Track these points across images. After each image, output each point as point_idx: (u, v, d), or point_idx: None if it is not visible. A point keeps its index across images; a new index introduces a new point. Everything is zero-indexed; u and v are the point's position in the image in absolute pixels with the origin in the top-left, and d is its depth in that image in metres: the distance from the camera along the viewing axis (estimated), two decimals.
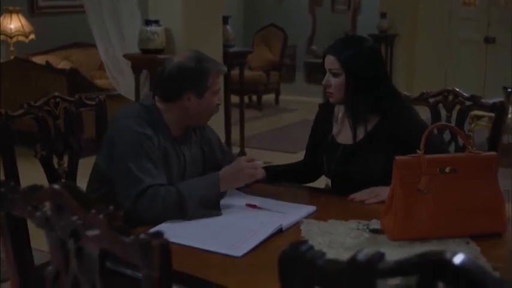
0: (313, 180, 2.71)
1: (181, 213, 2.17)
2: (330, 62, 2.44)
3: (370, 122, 2.46)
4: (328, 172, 2.56)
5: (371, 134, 2.45)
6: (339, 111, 2.57)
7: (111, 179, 2.26)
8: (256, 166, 2.33)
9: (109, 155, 2.29)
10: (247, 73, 7.85)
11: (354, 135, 2.46)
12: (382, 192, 2.25)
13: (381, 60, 2.56)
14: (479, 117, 5.86)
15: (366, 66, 2.43)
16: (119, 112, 2.38)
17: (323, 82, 2.47)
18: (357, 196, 2.37)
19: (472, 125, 5.85)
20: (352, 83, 2.41)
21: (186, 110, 2.35)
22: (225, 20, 5.64)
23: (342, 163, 2.49)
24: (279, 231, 2.06)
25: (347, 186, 2.43)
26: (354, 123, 2.46)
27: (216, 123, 5.48)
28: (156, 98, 2.38)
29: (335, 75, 2.43)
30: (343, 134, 2.53)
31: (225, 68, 2.50)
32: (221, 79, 2.39)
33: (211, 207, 2.21)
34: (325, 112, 2.63)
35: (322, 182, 2.67)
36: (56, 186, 1.23)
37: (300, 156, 2.79)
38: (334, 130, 2.57)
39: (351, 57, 2.41)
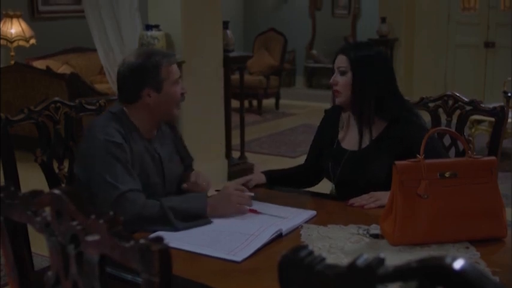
0: (313, 184, 2.71)
1: (165, 223, 2.15)
2: (340, 60, 2.47)
3: (376, 128, 2.47)
4: (333, 178, 2.56)
5: (378, 140, 2.46)
6: (345, 116, 2.57)
7: (89, 187, 2.26)
8: (243, 195, 2.30)
9: (82, 166, 2.32)
10: (247, 78, 7.86)
11: (360, 140, 2.47)
12: (382, 197, 2.25)
13: (390, 67, 2.57)
14: (479, 122, 5.86)
15: (374, 69, 2.45)
16: (90, 123, 2.40)
17: (330, 81, 2.49)
18: (357, 201, 2.37)
19: (472, 130, 5.86)
20: (358, 82, 2.43)
21: (150, 107, 2.35)
22: (225, 24, 5.65)
23: (348, 169, 2.50)
24: (279, 236, 2.06)
25: (352, 192, 2.42)
26: (360, 126, 2.47)
27: (216, 128, 5.53)
28: (122, 103, 2.40)
29: (342, 73, 2.45)
30: (349, 139, 2.54)
31: (176, 57, 2.50)
32: (176, 68, 2.39)
33: (198, 218, 2.19)
34: (331, 118, 2.64)
35: (325, 187, 2.67)
36: (56, 191, 1.23)
37: (300, 160, 2.79)
38: (340, 136, 2.58)
39: (361, 57, 2.44)
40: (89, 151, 2.29)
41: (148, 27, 5.01)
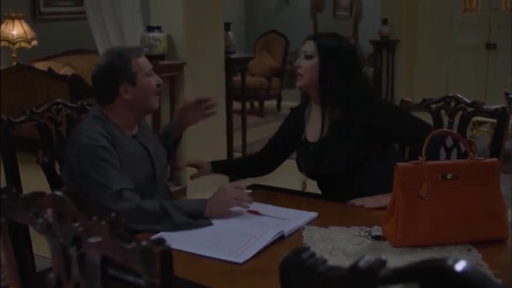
0: (264, 174, 2.79)
1: (165, 222, 2.16)
2: (307, 45, 2.54)
3: (334, 116, 2.52)
4: (304, 170, 2.61)
5: (335, 127, 2.50)
6: (307, 111, 2.63)
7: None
8: (241, 192, 2.30)
9: (71, 173, 2.33)
10: (248, 79, 7.85)
11: (322, 130, 2.53)
12: (383, 198, 2.25)
13: (357, 62, 2.61)
14: (481, 123, 5.86)
15: (342, 60, 2.49)
16: (74, 129, 2.44)
17: (294, 63, 2.54)
18: (358, 202, 2.38)
19: (474, 131, 5.85)
20: (325, 70, 2.47)
21: (129, 102, 2.38)
22: (227, 26, 5.65)
23: (314, 160, 2.55)
24: (281, 238, 2.06)
25: (323, 181, 2.57)
26: (322, 116, 2.52)
27: (218, 129, 5.52)
28: (101, 105, 2.42)
29: (308, 57, 2.51)
30: (312, 132, 2.60)
31: (142, 48, 2.53)
32: (146, 60, 2.43)
33: (197, 217, 2.20)
34: (297, 115, 2.68)
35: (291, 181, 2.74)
36: (58, 193, 1.23)
37: None
38: (306, 130, 2.63)
39: (329, 46, 2.51)
40: (76, 157, 2.30)
41: (150, 28, 5.01)
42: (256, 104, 9.31)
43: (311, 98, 2.60)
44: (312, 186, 2.69)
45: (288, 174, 2.93)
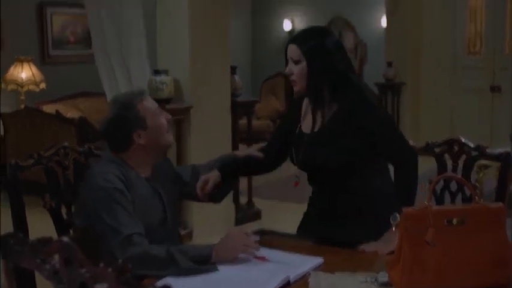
0: (272, 169, 2.80)
1: (171, 267, 2.15)
2: (292, 50, 2.50)
3: (329, 111, 2.51)
4: (296, 161, 2.61)
5: (330, 122, 2.50)
6: (305, 102, 2.63)
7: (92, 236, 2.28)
8: (248, 238, 2.29)
9: (84, 214, 2.34)
10: (254, 122, 7.89)
11: (314, 123, 2.52)
12: (391, 239, 2.24)
13: (343, 53, 2.56)
14: (487, 167, 5.84)
15: (327, 56, 2.48)
16: (89, 171, 2.46)
17: (286, 70, 2.53)
18: (367, 247, 2.38)
19: (480, 174, 5.83)
20: (314, 71, 2.46)
21: (144, 146, 2.40)
22: (233, 69, 5.71)
23: (307, 151, 2.54)
24: (287, 284, 2.05)
25: (315, 174, 2.57)
26: (313, 111, 2.52)
27: None
28: (116, 153, 2.43)
29: (296, 62, 2.49)
30: (307, 123, 2.59)
31: (144, 90, 2.55)
32: (151, 100, 2.46)
33: (203, 263, 2.20)
34: (296, 105, 2.68)
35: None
36: (65, 239, 1.24)
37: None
38: (302, 121, 2.63)
39: (313, 47, 2.47)
40: (90, 199, 2.31)
41: (156, 72, 5.07)
42: None
43: None
44: (306, 186, 2.68)
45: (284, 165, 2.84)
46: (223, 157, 2.79)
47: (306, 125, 2.59)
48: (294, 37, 2.55)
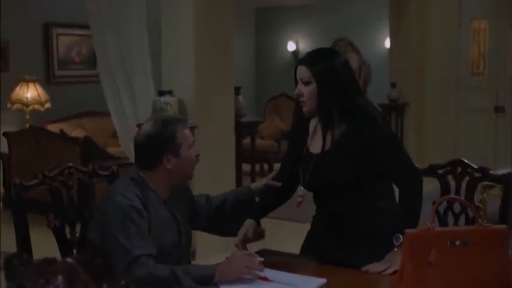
0: (291, 195, 2.76)
1: (174, 284, 2.16)
2: (301, 71, 2.52)
3: (339, 131, 2.52)
4: (303, 182, 2.60)
5: (339, 141, 2.50)
6: (312, 123, 2.63)
7: (105, 252, 2.28)
8: (252, 259, 2.29)
9: (99, 229, 2.34)
10: (258, 142, 7.92)
11: (324, 143, 2.52)
12: (395, 262, 2.24)
13: (351, 74, 2.58)
14: (491, 187, 5.83)
15: (336, 77, 2.48)
16: (110, 187, 2.45)
17: (295, 92, 2.54)
18: (371, 268, 2.37)
19: (484, 195, 5.82)
20: (325, 93, 2.47)
21: (170, 172, 2.39)
22: (237, 90, 5.74)
23: (313, 172, 2.54)
24: None
25: (321, 193, 2.57)
26: (324, 132, 2.52)
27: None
28: (140, 170, 2.43)
29: (306, 83, 2.50)
30: (315, 144, 2.59)
31: (187, 120, 2.58)
32: (189, 132, 2.46)
33: (206, 283, 2.20)
34: (300, 128, 2.68)
35: None
36: (69, 260, 1.25)
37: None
38: (308, 141, 2.63)
39: (322, 68, 2.48)
40: (107, 214, 2.31)
41: (161, 92, 5.10)
42: (265, 166, 9.34)
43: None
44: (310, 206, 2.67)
45: None
46: (239, 192, 2.78)
47: (314, 146, 2.60)
48: (303, 58, 2.57)
